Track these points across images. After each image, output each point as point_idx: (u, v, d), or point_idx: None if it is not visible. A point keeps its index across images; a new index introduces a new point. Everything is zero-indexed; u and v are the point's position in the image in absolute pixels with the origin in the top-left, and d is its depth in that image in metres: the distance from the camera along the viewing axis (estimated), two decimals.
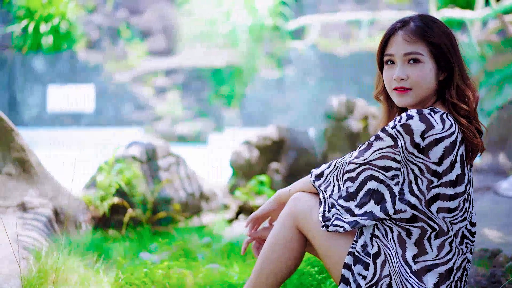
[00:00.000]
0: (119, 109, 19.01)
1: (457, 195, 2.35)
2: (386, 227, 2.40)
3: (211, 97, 19.26)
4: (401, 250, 2.37)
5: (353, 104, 7.75)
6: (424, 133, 2.28)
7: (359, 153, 2.41)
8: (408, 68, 2.42)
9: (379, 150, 2.35)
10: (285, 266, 2.57)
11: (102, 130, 17.88)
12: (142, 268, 3.53)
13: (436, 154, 2.29)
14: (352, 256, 2.42)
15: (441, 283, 2.36)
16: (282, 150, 7.07)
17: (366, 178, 2.38)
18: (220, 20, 19.02)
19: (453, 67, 2.41)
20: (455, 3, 15.27)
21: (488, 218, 4.89)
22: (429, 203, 2.33)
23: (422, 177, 2.32)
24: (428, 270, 2.36)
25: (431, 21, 2.42)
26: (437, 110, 2.35)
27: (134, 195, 5.53)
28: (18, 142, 4.51)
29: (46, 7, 18.17)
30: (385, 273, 2.36)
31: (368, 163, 2.37)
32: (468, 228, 2.44)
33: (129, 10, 21.80)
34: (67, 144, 15.15)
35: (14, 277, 3.12)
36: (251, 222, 2.81)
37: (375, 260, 2.39)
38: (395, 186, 2.34)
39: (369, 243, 2.41)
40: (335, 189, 2.48)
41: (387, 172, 2.35)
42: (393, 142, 2.31)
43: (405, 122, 2.30)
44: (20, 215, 4.18)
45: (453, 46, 2.42)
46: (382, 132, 2.35)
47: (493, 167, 7.68)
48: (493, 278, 3.33)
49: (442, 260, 2.36)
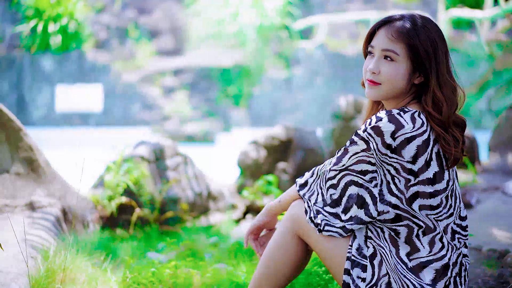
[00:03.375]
0: (127, 109, 19.05)
1: (438, 192, 2.36)
2: (377, 228, 2.42)
3: (219, 97, 19.27)
4: (394, 249, 2.39)
5: (361, 104, 7.74)
6: (394, 133, 2.30)
7: (337, 159, 2.44)
8: (382, 64, 2.43)
9: (355, 154, 2.38)
10: (285, 272, 2.58)
11: (110, 130, 17.91)
12: (150, 267, 3.53)
13: (410, 153, 2.31)
14: (350, 260, 2.43)
15: (438, 279, 2.36)
16: (289, 150, 7.07)
17: (347, 183, 2.42)
18: (228, 20, 19.03)
19: (429, 74, 2.40)
20: (464, 3, 15.23)
21: (496, 218, 4.88)
22: (410, 201, 2.35)
23: (399, 177, 2.34)
24: (424, 267, 2.37)
25: (422, 26, 2.40)
26: (408, 109, 2.37)
27: (142, 195, 5.54)
28: (27, 142, 4.53)
29: (54, 7, 18.22)
30: (383, 272, 2.38)
31: (347, 169, 2.41)
32: (457, 223, 2.46)
33: (137, 10, 21.83)
34: (75, 143, 15.18)
35: (22, 276, 3.13)
36: (249, 240, 2.79)
37: (372, 261, 2.40)
38: (374, 188, 2.37)
39: (363, 245, 2.43)
40: (319, 198, 2.51)
41: (365, 175, 2.38)
42: (366, 145, 2.34)
43: (374, 124, 2.32)
44: (29, 214, 4.19)
45: (435, 54, 2.39)
46: (355, 136, 2.38)
47: (501, 167, 7.65)
48: (501, 279, 3.32)
49: (436, 256, 2.37)
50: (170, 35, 21.55)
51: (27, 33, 18.53)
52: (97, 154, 5.65)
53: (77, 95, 18.92)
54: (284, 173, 6.80)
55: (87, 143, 13.11)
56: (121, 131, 17.51)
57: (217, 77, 19.56)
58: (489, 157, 8.02)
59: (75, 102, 18.92)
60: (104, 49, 20.30)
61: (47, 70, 18.81)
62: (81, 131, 17.99)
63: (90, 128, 18.53)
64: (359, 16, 18.92)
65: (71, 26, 18.55)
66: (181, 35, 21.39)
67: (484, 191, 6.35)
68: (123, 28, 21.04)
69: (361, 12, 20.10)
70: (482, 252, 3.75)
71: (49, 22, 18.26)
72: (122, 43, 20.77)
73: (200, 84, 19.60)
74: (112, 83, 19.08)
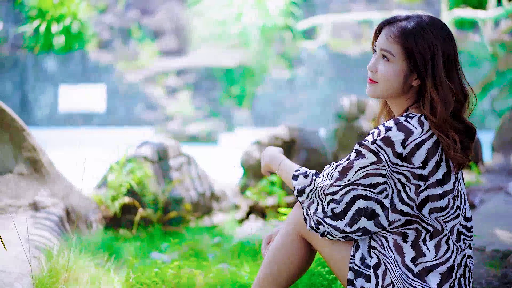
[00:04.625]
0: (130, 109, 19.06)
1: (446, 193, 2.35)
2: (381, 237, 2.40)
3: (222, 97, 19.28)
4: (400, 257, 2.37)
5: (364, 104, 7.74)
6: (405, 141, 2.28)
7: (340, 174, 2.38)
8: (380, 63, 2.44)
9: (362, 168, 2.34)
10: (289, 272, 2.57)
11: (113, 130, 17.93)
12: (153, 267, 3.53)
13: (420, 158, 2.29)
14: (353, 271, 2.42)
15: (443, 282, 2.35)
16: (293, 150, 7.06)
17: (353, 198, 2.37)
18: (231, 20, 19.04)
19: (424, 76, 2.39)
20: (467, 3, 15.22)
21: (500, 218, 4.87)
22: (420, 206, 2.33)
23: (409, 184, 2.32)
24: (430, 271, 2.36)
25: (422, 28, 2.38)
26: (413, 115, 2.37)
27: (145, 195, 5.54)
28: (30, 142, 4.53)
29: (57, 7, 18.25)
30: (387, 282, 2.37)
31: (353, 184, 2.36)
32: (463, 224, 2.45)
33: (140, 11, 21.85)
34: (78, 144, 15.20)
35: (25, 276, 3.13)
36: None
37: (376, 271, 2.39)
38: (385, 199, 2.34)
39: (367, 255, 2.42)
40: (319, 208, 2.46)
41: (375, 188, 2.34)
42: (376, 158, 2.31)
43: (384, 135, 2.30)
44: (32, 214, 4.20)
45: (433, 57, 2.37)
46: (363, 148, 2.34)
47: (505, 167, 7.65)
48: (505, 279, 3.32)
49: (441, 260, 2.36)
50: (173, 35, 21.56)
51: (31, 33, 18.56)
52: (100, 154, 5.65)
53: (80, 95, 18.94)
54: None
55: (90, 143, 13.13)
56: (124, 131, 17.53)
57: (220, 77, 19.57)
58: (493, 158, 8.01)
59: (78, 102, 18.94)
60: (107, 49, 20.32)
61: (50, 70, 18.84)
62: (84, 131, 18.01)
63: (93, 128, 18.55)
64: (362, 17, 18.92)
65: (74, 27, 18.57)
66: (184, 35, 21.40)
67: (487, 192, 6.34)
68: (126, 29, 21.06)
69: (364, 13, 20.10)
70: (485, 253, 3.75)
71: (52, 23, 18.29)
72: (125, 43, 20.79)
73: (203, 84, 19.61)
74: (115, 83, 19.10)
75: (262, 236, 4.80)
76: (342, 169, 2.38)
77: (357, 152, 2.35)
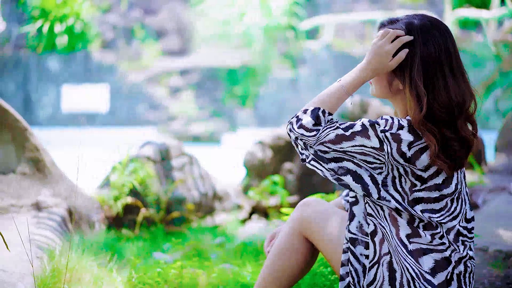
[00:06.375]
0: (133, 109, 19.07)
1: (444, 196, 2.34)
2: (377, 206, 2.38)
3: (225, 97, 19.29)
4: (395, 229, 2.35)
5: (367, 104, 7.73)
6: (412, 144, 2.28)
7: (336, 137, 2.33)
8: None
9: (361, 146, 2.31)
10: (291, 272, 2.57)
11: (116, 130, 17.94)
12: (155, 267, 3.54)
13: (423, 162, 2.29)
14: (350, 241, 2.39)
15: (438, 270, 2.32)
16: (295, 150, 7.06)
17: (341, 158, 2.34)
18: (234, 20, 19.04)
19: (403, 80, 2.38)
20: (470, 3, 15.21)
21: (503, 219, 4.86)
22: (412, 204, 2.33)
23: (406, 178, 2.32)
24: (424, 253, 2.32)
25: (407, 32, 2.38)
26: None
27: (148, 195, 5.54)
28: (32, 142, 4.53)
29: (60, 7, 18.27)
30: (385, 251, 2.35)
31: (345, 152, 2.33)
32: (462, 225, 2.42)
33: (143, 10, 21.87)
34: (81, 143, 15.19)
35: (28, 276, 3.13)
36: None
37: (373, 238, 2.37)
38: (378, 175, 2.33)
39: (364, 222, 2.40)
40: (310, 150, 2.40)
41: (370, 164, 2.32)
42: (379, 146, 2.29)
43: (396, 131, 2.28)
44: (34, 214, 4.20)
45: (411, 64, 2.36)
46: (371, 129, 2.30)
47: (508, 167, 7.63)
48: (508, 280, 3.31)
49: (436, 247, 2.33)
50: (176, 35, 21.57)
51: (33, 33, 18.58)
52: (102, 154, 5.65)
53: (83, 95, 18.96)
54: (290, 173, 6.79)
55: (92, 143, 13.14)
56: (127, 131, 17.54)
57: (223, 77, 19.57)
58: (496, 158, 8.00)
59: (81, 102, 18.96)
60: (110, 49, 20.33)
61: (53, 70, 18.86)
62: (87, 131, 18.02)
63: (96, 128, 18.57)
64: (365, 16, 18.91)
65: (77, 26, 18.59)
66: (187, 35, 21.41)
67: (490, 192, 6.33)
68: (129, 28, 21.08)
69: (367, 12, 20.09)
70: (488, 253, 3.74)
71: (55, 23, 18.31)
72: (128, 43, 20.80)
73: (206, 84, 19.61)
74: (118, 83, 19.11)
75: (264, 236, 4.81)
76: (341, 132, 2.33)
77: (363, 129, 2.32)
